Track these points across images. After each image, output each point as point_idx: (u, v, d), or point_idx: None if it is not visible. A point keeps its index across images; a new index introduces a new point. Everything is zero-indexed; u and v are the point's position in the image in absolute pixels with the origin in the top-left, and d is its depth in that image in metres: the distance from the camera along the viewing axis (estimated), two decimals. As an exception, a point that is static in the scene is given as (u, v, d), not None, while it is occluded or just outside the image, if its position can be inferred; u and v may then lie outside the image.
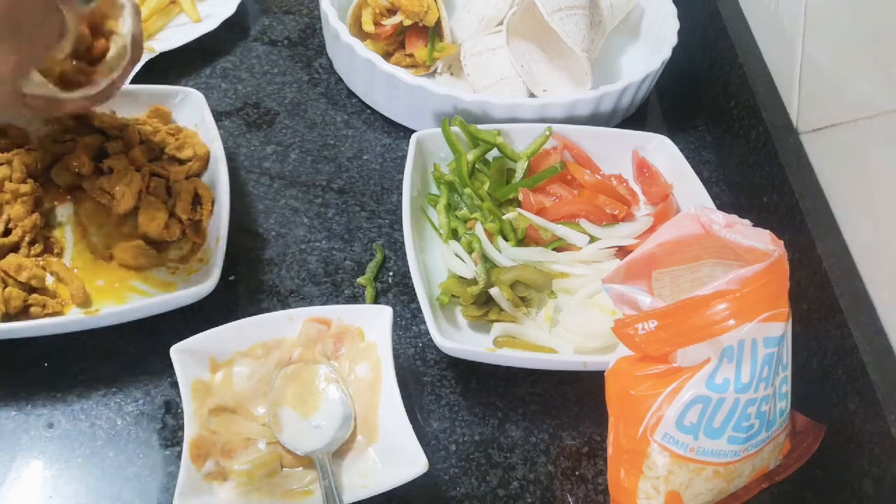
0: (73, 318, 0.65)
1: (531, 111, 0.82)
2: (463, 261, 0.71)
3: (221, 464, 0.58)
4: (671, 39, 0.89)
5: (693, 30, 0.93)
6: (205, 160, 0.77)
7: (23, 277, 0.66)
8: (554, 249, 0.73)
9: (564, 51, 0.86)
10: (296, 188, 0.81)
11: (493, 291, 0.69)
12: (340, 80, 0.92)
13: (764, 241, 0.54)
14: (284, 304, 0.71)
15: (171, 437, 0.63)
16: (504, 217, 0.75)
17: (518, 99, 0.83)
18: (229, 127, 0.86)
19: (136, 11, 0.63)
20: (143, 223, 0.71)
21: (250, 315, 0.64)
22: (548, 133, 0.80)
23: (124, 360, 0.67)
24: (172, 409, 0.64)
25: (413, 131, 0.79)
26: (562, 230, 0.73)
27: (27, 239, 0.69)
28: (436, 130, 0.79)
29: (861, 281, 0.64)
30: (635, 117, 0.92)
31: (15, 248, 0.69)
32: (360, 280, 0.74)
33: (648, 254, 0.58)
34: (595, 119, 0.86)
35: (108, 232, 0.72)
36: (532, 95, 0.87)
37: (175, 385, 0.61)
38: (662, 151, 0.81)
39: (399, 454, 0.58)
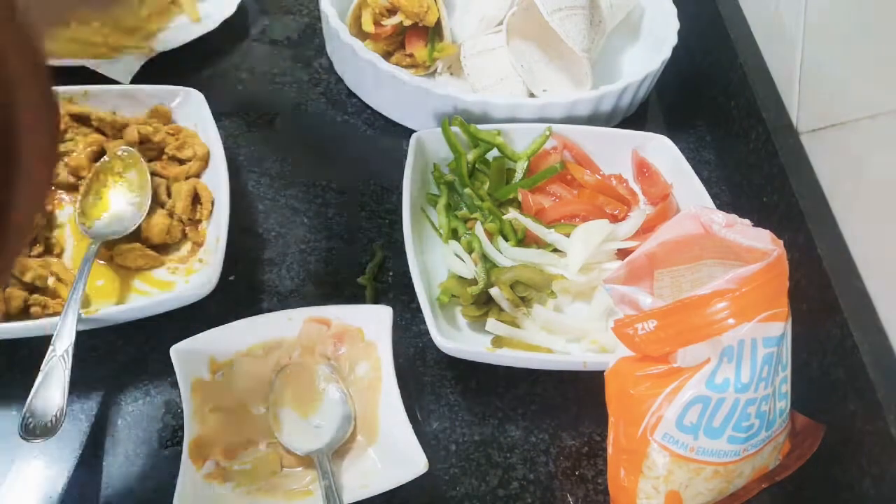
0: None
1: (531, 111, 0.82)
2: (463, 261, 0.71)
3: (221, 464, 0.58)
4: (671, 39, 0.89)
5: (693, 30, 0.93)
6: (205, 160, 0.77)
7: (27, 278, 0.66)
8: (553, 250, 0.73)
9: (564, 51, 0.86)
10: (296, 188, 0.81)
11: (493, 291, 0.69)
12: (340, 80, 0.92)
13: (764, 241, 0.54)
14: (284, 304, 0.71)
15: (171, 437, 0.63)
16: (504, 217, 0.75)
17: (518, 99, 0.83)
18: (229, 127, 0.86)
19: None
20: (144, 228, 0.71)
21: (250, 315, 0.64)
22: (548, 133, 0.80)
23: (124, 360, 0.67)
24: (172, 409, 0.64)
25: (413, 131, 0.79)
26: (553, 236, 0.73)
27: (28, 239, 0.69)
28: (436, 130, 0.79)
29: (861, 281, 0.64)
30: (635, 117, 0.92)
31: (15, 248, 0.69)
32: (360, 280, 0.74)
33: (649, 254, 0.58)
34: (595, 119, 0.86)
35: (108, 232, 0.72)
36: (532, 95, 0.87)
37: (175, 385, 0.61)
38: (662, 151, 0.81)
39: (399, 454, 0.58)
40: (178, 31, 0.91)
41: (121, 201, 0.72)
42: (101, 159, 0.74)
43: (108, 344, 0.67)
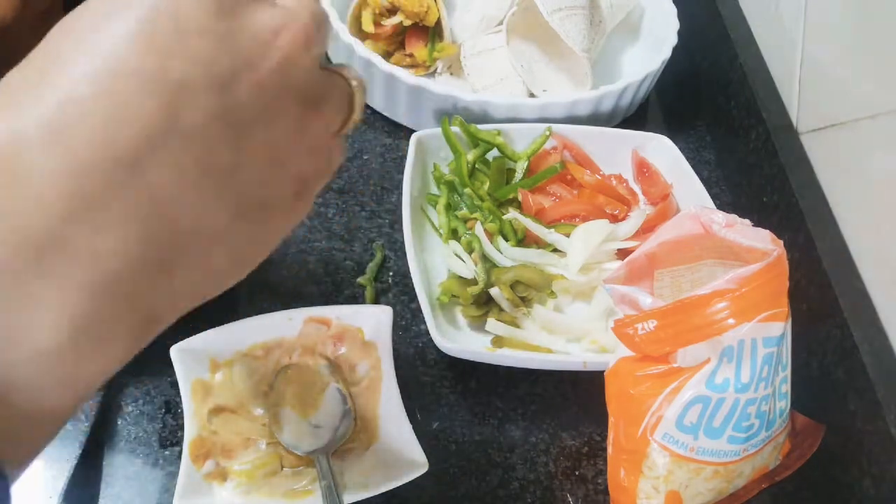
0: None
1: (531, 111, 0.82)
2: (463, 261, 0.71)
3: (221, 464, 0.58)
4: (671, 39, 0.89)
5: (693, 30, 0.93)
6: (205, 160, 0.77)
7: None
8: (553, 250, 0.73)
9: (564, 51, 0.86)
10: (296, 188, 0.81)
11: (493, 291, 0.69)
12: (340, 80, 0.92)
13: (764, 241, 0.54)
14: (284, 304, 0.71)
15: (171, 437, 0.63)
16: (504, 217, 0.75)
17: (518, 99, 0.83)
18: (229, 127, 0.86)
19: None
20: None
21: (250, 315, 0.64)
22: (548, 133, 0.80)
23: (124, 360, 0.67)
24: (172, 409, 0.64)
25: (413, 131, 0.79)
26: (553, 236, 0.73)
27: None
28: (436, 130, 0.79)
29: (861, 281, 0.64)
30: (635, 117, 0.92)
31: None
32: (360, 280, 0.74)
33: (649, 253, 0.58)
34: (595, 119, 0.86)
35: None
36: (532, 95, 0.87)
37: (175, 385, 0.61)
38: (662, 151, 0.81)
39: (399, 454, 0.58)
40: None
41: None
42: None
43: (108, 344, 0.67)
